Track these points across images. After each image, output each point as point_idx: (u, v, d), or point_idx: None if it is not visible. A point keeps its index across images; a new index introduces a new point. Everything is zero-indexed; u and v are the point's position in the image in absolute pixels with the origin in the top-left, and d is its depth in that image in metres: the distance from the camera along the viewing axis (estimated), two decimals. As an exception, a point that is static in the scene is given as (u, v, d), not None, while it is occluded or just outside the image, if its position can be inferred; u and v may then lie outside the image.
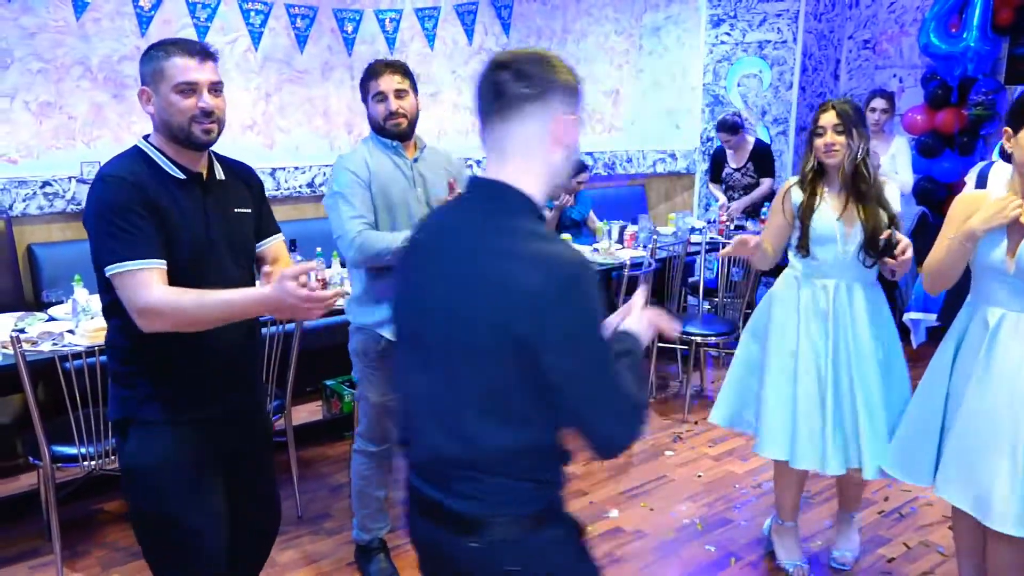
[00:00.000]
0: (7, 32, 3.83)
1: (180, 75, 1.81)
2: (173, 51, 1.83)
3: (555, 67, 1.35)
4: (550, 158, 1.37)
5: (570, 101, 1.36)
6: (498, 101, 1.34)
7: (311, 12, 4.70)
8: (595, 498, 3.50)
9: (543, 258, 1.28)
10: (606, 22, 6.12)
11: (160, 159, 1.88)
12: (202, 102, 1.83)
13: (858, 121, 2.62)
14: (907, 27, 6.06)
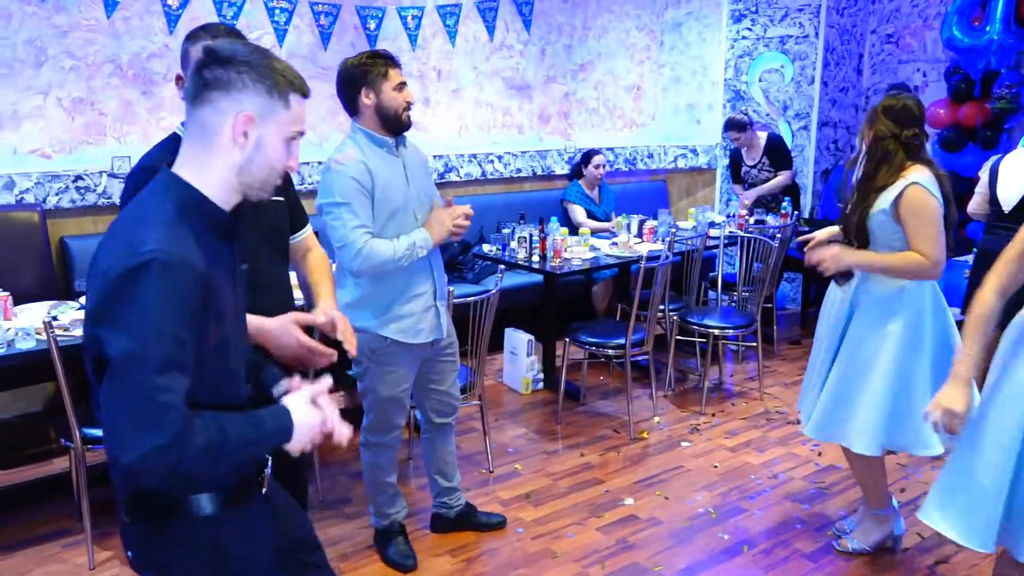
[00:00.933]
0: (41, 31, 3.95)
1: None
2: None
3: (268, 66, 1.36)
4: (229, 155, 1.37)
5: (267, 103, 1.36)
6: (194, 83, 1.35)
7: (335, 9, 4.78)
8: (610, 486, 3.55)
9: (124, 236, 1.30)
10: (627, 18, 6.15)
11: None
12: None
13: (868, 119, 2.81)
14: (931, 21, 6.03)
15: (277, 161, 1.42)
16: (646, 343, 4.16)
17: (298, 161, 1.48)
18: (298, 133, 1.43)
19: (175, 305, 1.28)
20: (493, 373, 4.83)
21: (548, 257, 4.38)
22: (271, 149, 1.40)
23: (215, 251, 1.40)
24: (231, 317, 1.46)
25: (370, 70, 2.60)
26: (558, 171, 5.91)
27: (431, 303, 2.72)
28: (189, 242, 1.33)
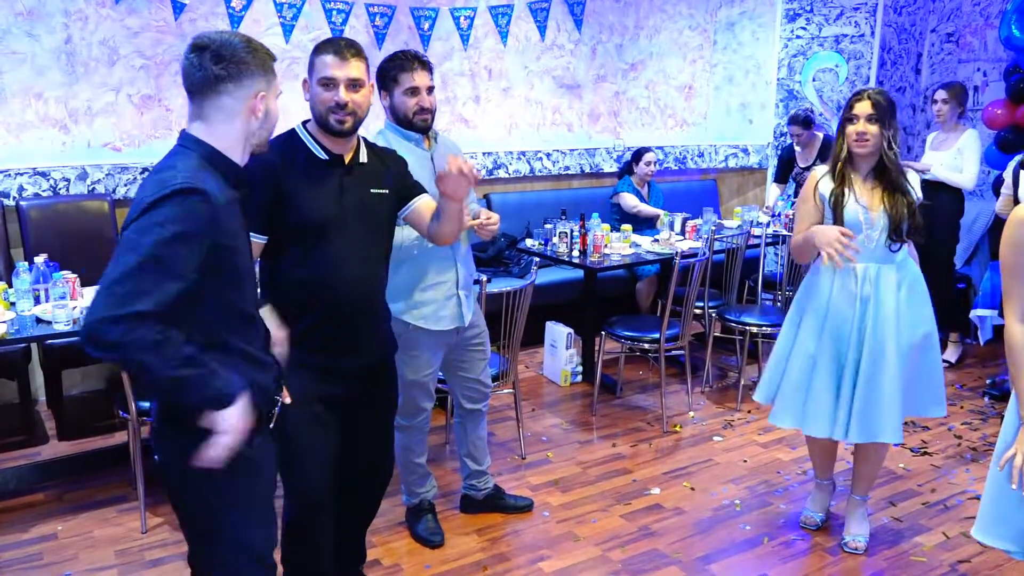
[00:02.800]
0: (114, 32, 4.23)
1: (324, 70, 2.16)
2: (324, 49, 2.18)
3: (252, 51, 1.70)
4: (246, 125, 1.72)
5: (267, 81, 1.73)
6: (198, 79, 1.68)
7: (390, 10, 4.96)
8: (638, 476, 3.64)
9: (158, 177, 1.60)
10: (680, 18, 6.19)
11: (308, 140, 2.23)
12: (337, 96, 2.14)
13: (891, 112, 2.70)
14: (992, 19, 5.91)
15: (275, 119, 1.79)
16: (681, 338, 4.22)
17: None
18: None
19: (190, 222, 1.55)
20: (535, 365, 4.95)
21: (588, 252, 4.47)
22: (272, 112, 1.78)
23: (230, 197, 1.71)
24: (243, 255, 1.75)
25: (386, 73, 2.75)
26: (606, 169, 5.99)
27: (453, 292, 2.85)
28: (210, 181, 1.63)
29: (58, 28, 4.09)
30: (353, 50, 2.17)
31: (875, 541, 3.14)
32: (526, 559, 3.00)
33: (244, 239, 1.79)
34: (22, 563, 2.92)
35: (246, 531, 1.79)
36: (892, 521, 3.29)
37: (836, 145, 2.82)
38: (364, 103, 2.21)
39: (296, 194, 2.15)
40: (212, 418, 1.61)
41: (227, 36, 1.69)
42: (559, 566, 2.96)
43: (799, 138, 5.58)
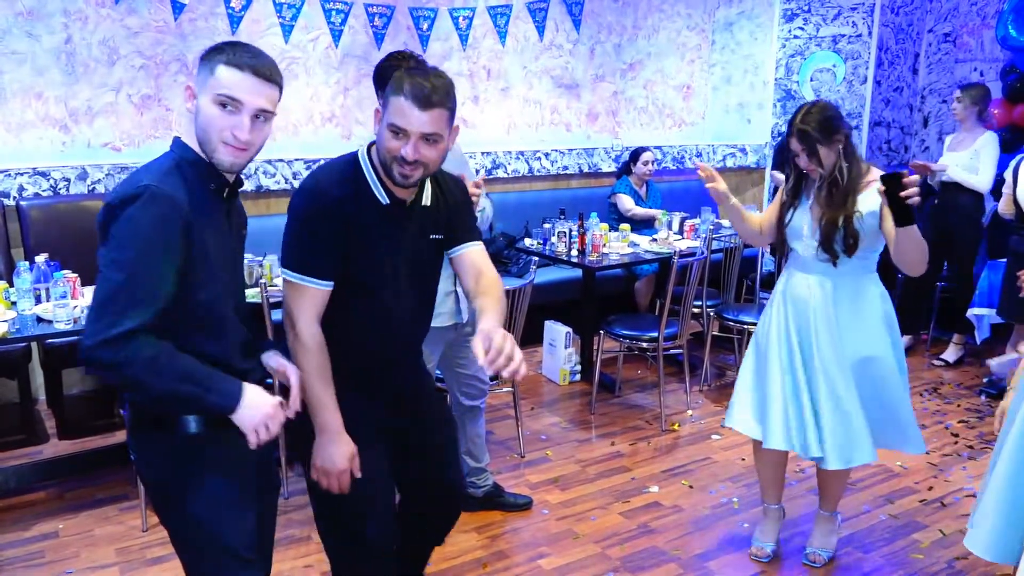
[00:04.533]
0: (114, 32, 4.24)
1: (397, 116, 1.79)
2: (400, 87, 1.79)
3: (217, 48, 1.65)
4: (190, 122, 1.67)
5: (202, 76, 1.64)
6: None
7: (388, 11, 4.98)
8: (637, 474, 3.65)
9: (128, 177, 1.61)
10: (678, 18, 6.20)
11: (371, 178, 1.91)
12: (404, 151, 1.81)
13: (824, 137, 2.56)
14: (989, 19, 5.93)
15: (209, 126, 1.62)
16: (680, 337, 4.24)
17: (243, 132, 1.63)
18: (229, 100, 1.61)
19: (158, 227, 1.54)
20: (534, 364, 4.97)
21: (587, 251, 4.49)
22: (203, 112, 1.63)
23: (207, 202, 1.66)
24: (217, 261, 1.68)
25: (383, 73, 2.78)
26: (605, 168, 6.01)
27: (451, 288, 2.87)
28: (178, 186, 1.60)
29: (58, 28, 4.10)
30: (437, 96, 1.79)
31: (873, 538, 3.16)
32: (525, 556, 3.02)
33: (223, 238, 1.70)
34: (23, 561, 2.94)
35: (218, 526, 1.76)
36: (890, 518, 3.31)
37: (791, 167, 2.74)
38: (439, 157, 1.87)
39: (359, 242, 1.90)
40: (244, 425, 1.64)
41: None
42: (558, 563, 2.97)
43: None
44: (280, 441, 3.43)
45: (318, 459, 1.95)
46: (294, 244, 1.89)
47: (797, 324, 2.77)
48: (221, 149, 1.64)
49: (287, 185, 4.81)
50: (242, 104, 1.62)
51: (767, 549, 3.00)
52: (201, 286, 1.64)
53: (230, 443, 1.69)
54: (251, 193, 4.74)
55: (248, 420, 1.64)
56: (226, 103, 1.61)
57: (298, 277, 1.88)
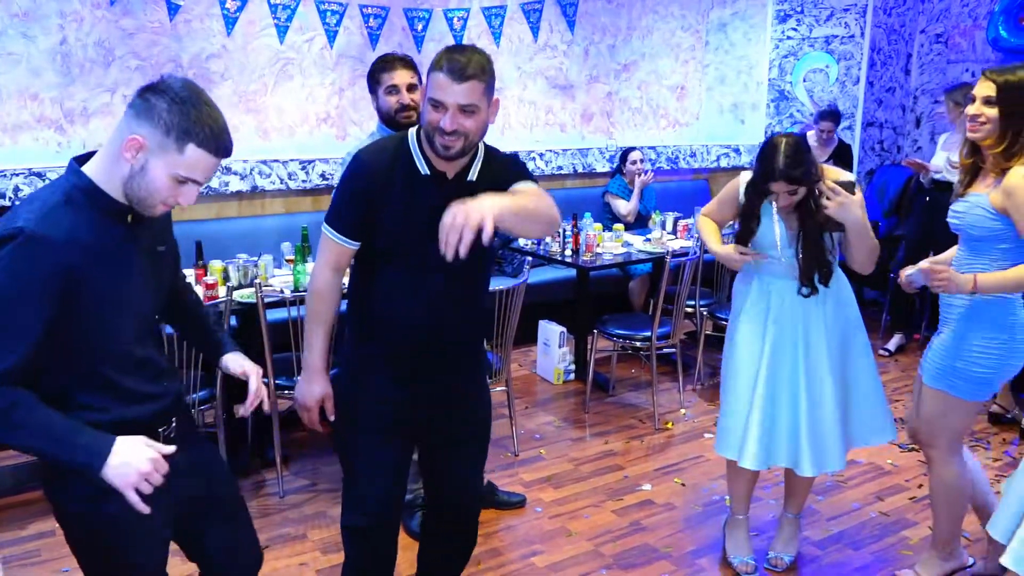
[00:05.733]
0: (109, 33, 4.25)
1: (435, 90, 1.88)
2: (439, 64, 1.88)
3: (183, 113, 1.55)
4: (120, 165, 1.57)
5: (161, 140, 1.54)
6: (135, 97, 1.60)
7: (383, 12, 5.00)
8: (630, 472, 3.68)
9: (12, 210, 1.55)
10: (672, 19, 6.23)
11: (415, 151, 2.00)
12: (443, 122, 1.88)
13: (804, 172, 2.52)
14: (980, 20, 5.97)
15: (156, 191, 1.58)
16: (673, 336, 4.27)
17: (189, 200, 1.63)
18: (189, 179, 1.59)
19: (24, 276, 1.47)
20: (528, 364, 4.99)
21: (581, 251, 4.52)
22: (153, 178, 1.57)
23: (103, 234, 1.58)
24: (115, 297, 1.60)
25: (372, 76, 2.84)
26: (599, 169, 6.03)
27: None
28: (62, 223, 1.51)
29: (53, 29, 4.12)
30: (471, 69, 1.87)
31: (862, 535, 3.20)
32: (519, 554, 3.04)
33: (124, 269, 1.63)
34: (20, 559, 2.96)
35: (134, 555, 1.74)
36: (880, 515, 3.34)
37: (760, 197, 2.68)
38: (478, 128, 1.93)
39: (388, 209, 1.97)
40: (115, 482, 1.54)
41: (185, 89, 1.58)
42: (551, 560, 3.00)
43: (829, 133, 5.47)
44: (276, 441, 3.45)
45: (296, 392, 2.16)
46: (333, 201, 2.06)
47: (776, 333, 2.72)
48: (158, 208, 1.62)
49: (282, 185, 4.83)
50: (201, 182, 1.61)
51: (752, 562, 2.94)
52: (91, 326, 1.58)
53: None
54: (246, 193, 4.76)
55: (120, 478, 1.53)
56: (185, 182, 1.59)
57: (326, 228, 2.05)
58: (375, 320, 2.08)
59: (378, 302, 2.06)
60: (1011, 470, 3.71)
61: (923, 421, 2.69)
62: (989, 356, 2.50)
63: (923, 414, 2.68)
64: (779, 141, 2.56)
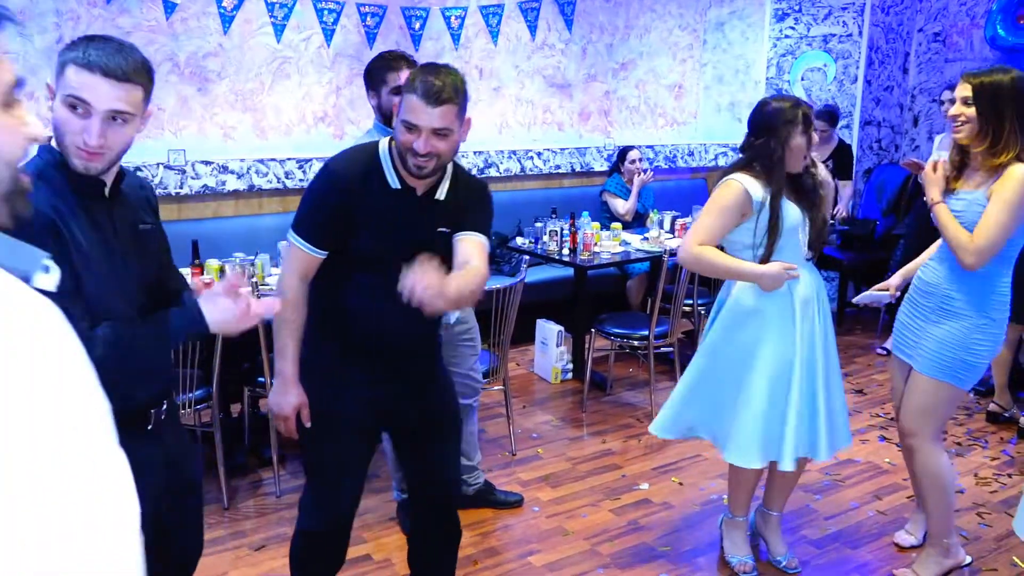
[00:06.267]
0: (106, 31, 4.21)
1: (409, 113, 1.90)
2: (413, 86, 1.89)
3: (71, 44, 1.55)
4: None
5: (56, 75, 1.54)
6: None
7: (380, 10, 4.99)
8: (628, 471, 3.68)
9: None
10: (669, 18, 6.23)
11: (386, 164, 2.02)
12: (416, 144, 1.90)
13: None
14: (978, 19, 5.96)
15: (61, 128, 1.54)
16: (670, 335, 4.27)
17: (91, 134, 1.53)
18: (75, 99, 1.51)
19: None
20: (526, 363, 4.99)
21: (578, 250, 4.51)
22: (56, 115, 1.55)
23: (86, 206, 1.59)
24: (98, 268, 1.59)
25: (374, 74, 2.81)
26: (597, 168, 6.03)
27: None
28: (44, 195, 1.50)
29: (50, 28, 4.11)
30: (446, 93, 1.88)
31: (860, 534, 3.19)
32: (516, 553, 3.04)
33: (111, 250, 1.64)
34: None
35: None
36: (877, 514, 3.34)
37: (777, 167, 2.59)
38: (450, 149, 1.96)
39: (363, 220, 2.00)
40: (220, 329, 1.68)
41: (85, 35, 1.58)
42: (548, 560, 2.99)
43: (824, 134, 5.40)
44: (272, 440, 3.45)
45: (271, 402, 2.16)
46: (300, 210, 2.07)
47: (806, 326, 2.69)
48: (73, 153, 1.55)
49: (279, 184, 4.82)
50: (91, 106, 1.51)
51: (750, 562, 2.93)
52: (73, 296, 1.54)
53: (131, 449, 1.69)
54: (244, 192, 4.75)
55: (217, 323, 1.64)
56: (76, 105, 1.51)
57: (293, 237, 2.05)
58: (346, 322, 2.10)
59: (350, 305, 2.08)
60: (1009, 469, 3.72)
61: (914, 411, 2.72)
62: (988, 344, 2.61)
63: (915, 404, 2.72)
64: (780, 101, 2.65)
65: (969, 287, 2.59)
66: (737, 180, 2.59)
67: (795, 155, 2.60)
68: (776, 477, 2.91)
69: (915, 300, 2.76)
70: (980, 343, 2.60)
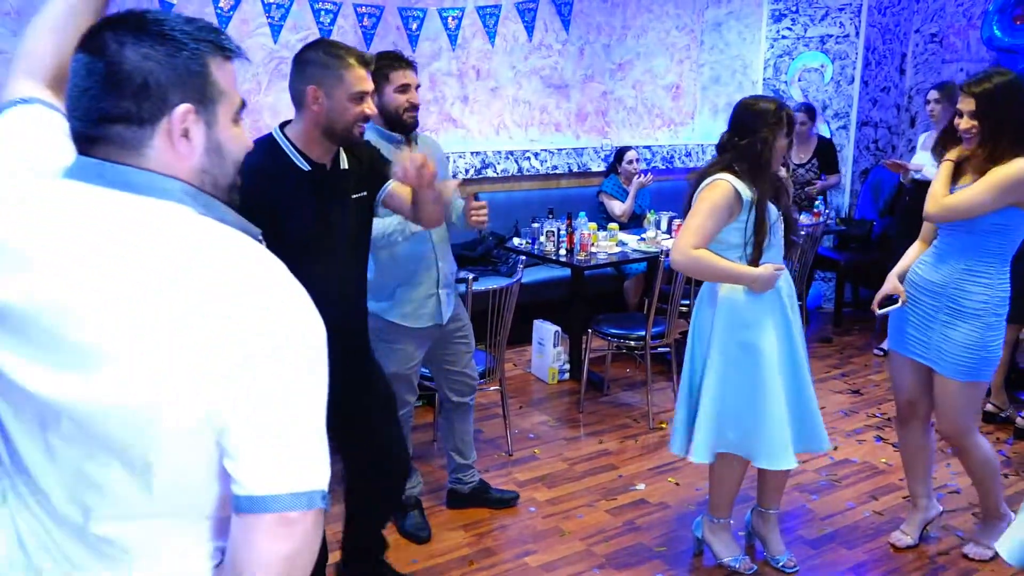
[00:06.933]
0: (102, 32, 4.23)
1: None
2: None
3: None
4: None
5: None
6: None
7: (377, 11, 4.99)
8: (624, 472, 3.67)
9: None
10: (667, 18, 6.23)
11: (290, 150, 2.17)
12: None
13: None
14: (975, 20, 5.97)
15: None
16: (667, 335, 4.27)
17: None
18: None
19: None
20: (523, 363, 4.98)
21: (575, 251, 4.51)
22: None
23: None
24: None
25: (380, 70, 2.78)
26: (594, 168, 6.03)
27: (433, 291, 2.89)
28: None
29: (46, 28, 4.10)
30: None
31: (856, 534, 3.19)
32: (512, 553, 3.04)
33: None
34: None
35: None
36: (873, 515, 3.34)
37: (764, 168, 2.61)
38: None
39: (279, 208, 2.09)
40: None
41: None
42: (544, 560, 2.99)
43: (804, 126, 5.52)
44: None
45: None
46: None
47: (793, 320, 2.76)
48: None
49: (276, 185, 4.82)
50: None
51: (747, 559, 2.95)
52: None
53: None
54: (240, 193, 4.74)
55: None
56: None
57: None
58: None
59: None
60: (1006, 469, 3.72)
61: (953, 415, 2.80)
62: (1000, 336, 2.74)
63: (953, 408, 2.79)
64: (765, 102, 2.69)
65: (978, 286, 2.67)
66: (726, 180, 2.58)
67: (777, 157, 2.64)
68: (768, 475, 2.90)
69: (917, 300, 2.81)
70: (994, 339, 2.71)
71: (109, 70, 0.96)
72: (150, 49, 0.97)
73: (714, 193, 2.58)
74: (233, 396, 0.93)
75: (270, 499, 0.92)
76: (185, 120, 0.99)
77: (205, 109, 1.02)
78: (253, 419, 0.93)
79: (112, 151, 0.99)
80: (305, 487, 0.94)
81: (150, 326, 0.92)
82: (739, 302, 2.69)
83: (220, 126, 1.04)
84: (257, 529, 0.93)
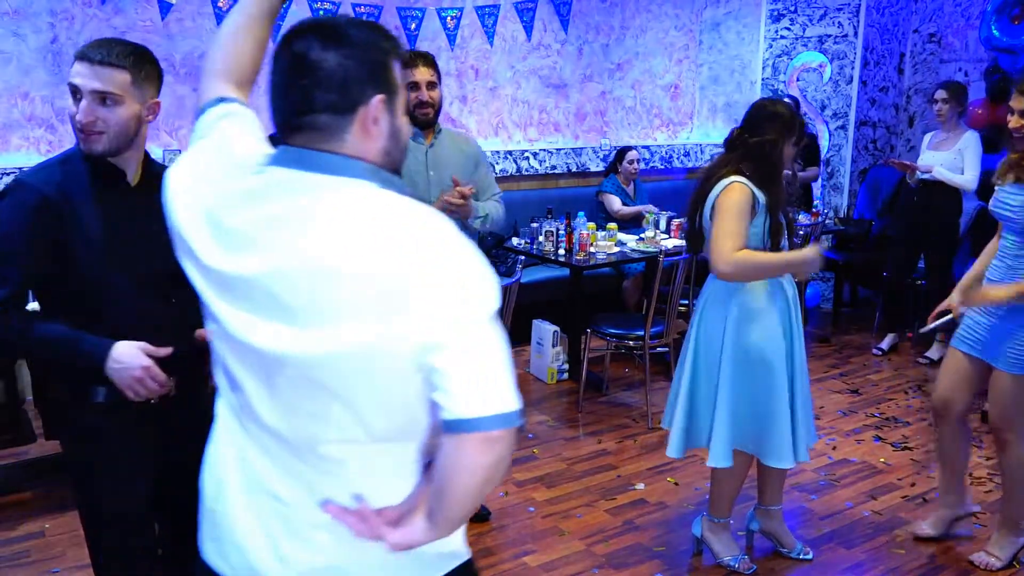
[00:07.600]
0: (101, 32, 4.23)
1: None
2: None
3: None
4: None
5: None
6: None
7: (376, 11, 4.99)
8: (623, 471, 3.68)
9: None
10: (665, 18, 6.23)
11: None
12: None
13: None
14: (973, 20, 5.98)
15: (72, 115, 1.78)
16: (666, 335, 4.27)
17: (81, 115, 1.74)
18: (71, 86, 1.76)
19: (19, 216, 1.72)
20: (522, 363, 4.98)
21: (574, 251, 4.51)
22: None
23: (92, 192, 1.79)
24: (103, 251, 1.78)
25: None
26: (593, 168, 6.03)
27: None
28: (57, 179, 1.77)
29: (44, 27, 4.10)
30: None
31: (855, 534, 3.19)
32: (511, 553, 3.04)
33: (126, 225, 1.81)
34: (9, 561, 2.94)
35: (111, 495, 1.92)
36: (872, 514, 3.34)
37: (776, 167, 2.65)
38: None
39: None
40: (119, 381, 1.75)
41: None
42: (544, 560, 2.99)
43: None
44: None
45: None
46: None
47: (794, 319, 2.78)
48: (78, 137, 1.78)
49: (275, 185, 4.82)
50: (79, 90, 1.74)
51: (747, 558, 2.95)
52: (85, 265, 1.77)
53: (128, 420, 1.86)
54: (239, 193, 4.74)
55: (119, 380, 1.75)
56: (73, 91, 1.76)
57: None
58: None
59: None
60: None
61: (1006, 409, 2.80)
62: None
63: (1007, 402, 2.79)
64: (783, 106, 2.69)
65: None
66: (741, 182, 2.59)
67: (783, 162, 2.67)
68: (768, 473, 2.91)
69: None
70: None
71: (318, 68, 1.13)
72: (349, 50, 1.13)
73: (735, 195, 2.57)
74: (439, 339, 1.07)
75: (477, 421, 1.08)
76: (378, 109, 1.15)
77: (390, 100, 1.18)
78: (461, 358, 1.08)
79: (314, 138, 1.16)
80: (505, 409, 1.09)
81: (359, 288, 1.07)
82: (753, 303, 2.68)
83: (398, 114, 1.20)
84: (467, 446, 1.09)
